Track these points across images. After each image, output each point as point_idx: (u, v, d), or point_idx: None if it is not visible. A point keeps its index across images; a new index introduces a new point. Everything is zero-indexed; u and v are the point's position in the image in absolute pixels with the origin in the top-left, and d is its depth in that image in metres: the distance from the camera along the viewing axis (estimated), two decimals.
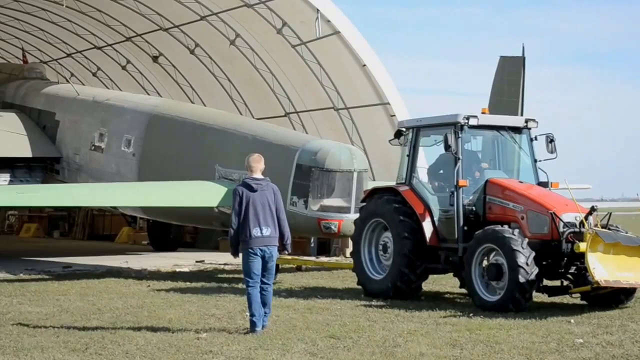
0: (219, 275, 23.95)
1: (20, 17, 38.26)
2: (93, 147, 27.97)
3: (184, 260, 28.58)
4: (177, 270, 25.55)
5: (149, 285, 20.85)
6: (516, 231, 16.62)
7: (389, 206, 18.48)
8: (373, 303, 17.58)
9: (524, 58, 23.06)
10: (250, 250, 13.86)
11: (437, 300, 18.04)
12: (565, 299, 17.65)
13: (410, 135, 18.84)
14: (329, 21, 30.27)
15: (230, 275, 23.65)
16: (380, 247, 18.85)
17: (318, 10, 29.90)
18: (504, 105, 21.62)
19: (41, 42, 40.26)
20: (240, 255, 14.10)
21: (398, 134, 19.14)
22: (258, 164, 14.13)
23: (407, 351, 12.57)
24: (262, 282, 14.00)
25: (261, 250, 13.88)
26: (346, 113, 32.26)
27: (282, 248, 14.27)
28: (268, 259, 13.98)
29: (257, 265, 13.88)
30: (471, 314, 15.96)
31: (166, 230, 33.48)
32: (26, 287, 20.47)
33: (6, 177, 28.86)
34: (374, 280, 18.78)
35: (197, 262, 28.23)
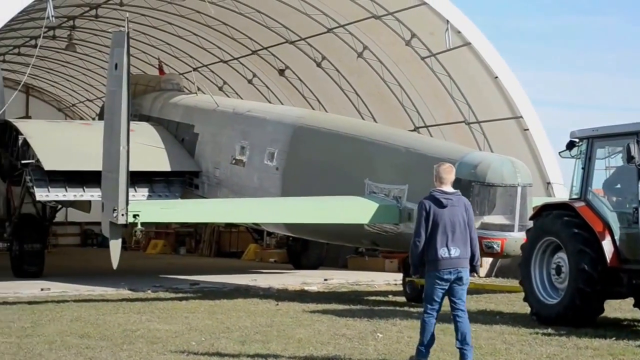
0: (349, 295, 23.46)
1: (147, 31, 38.56)
2: (234, 161, 26.98)
3: (312, 279, 28.23)
4: (306, 288, 25.20)
5: (277, 304, 20.49)
6: None
7: (563, 224, 17.14)
8: (509, 325, 16.80)
9: None
10: (436, 274, 12.49)
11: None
12: None
13: (584, 146, 17.56)
14: (459, 32, 29.70)
15: (361, 296, 23.14)
16: (553, 268, 17.47)
17: (448, 21, 29.36)
18: None
19: (168, 56, 40.52)
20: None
21: (570, 145, 17.84)
22: (449, 175, 12.80)
23: None
24: (454, 309, 12.71)
25: (449, 273, 12.47)
26: (477, 127, 31.59)
27: (471, 270, 12.89)
28: (458, 283, 12.53)
29: (440, 290, 12.51)
30: (613, 338, 15.06)
31: (306, 248, 32.92)
32: (154, 304, 20.43)
33: (144, 192, 27.93)
34: (546, 305, 17.40)
35: (325, 280, 27.82)
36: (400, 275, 28.56)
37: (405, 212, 21.36)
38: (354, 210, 22.05)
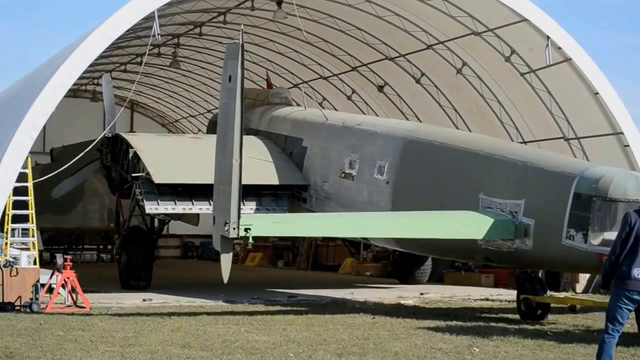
0: (445, 309, 23.45)
1: (250, 48, 38.81)
2: (343, 175, 26.72)
3: (408, 293, 28.26)
4: (402, 302, 25.24)
5: (373, 317, 20.58)
6: None
7: None
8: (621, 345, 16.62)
9: None
10: (626, 293, 11.78)
11: None
12: None
13: None
14: (559, 48, 29.41)
15: (457, 311, 23.15)
16: None
17: (548, 37, 29.08)
18: None
19: (269, 72, 40.80)
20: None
21: None
22: None
23: None
24: None
25: (638, 294, 11.75)
26: (577, 143, 31.29)
27: None
28: None
29: (627, 311, 11.79)
30: None
31: (414, 263, 32.72)
32: (253, 315, 20.62)
33: (252, 205, 27.91)
34: None
35: (421, 294, 27.83)
36: (496, 291, 28.52)
37: (521, 228, 20.79)
38: (468, 225, 21.50)
